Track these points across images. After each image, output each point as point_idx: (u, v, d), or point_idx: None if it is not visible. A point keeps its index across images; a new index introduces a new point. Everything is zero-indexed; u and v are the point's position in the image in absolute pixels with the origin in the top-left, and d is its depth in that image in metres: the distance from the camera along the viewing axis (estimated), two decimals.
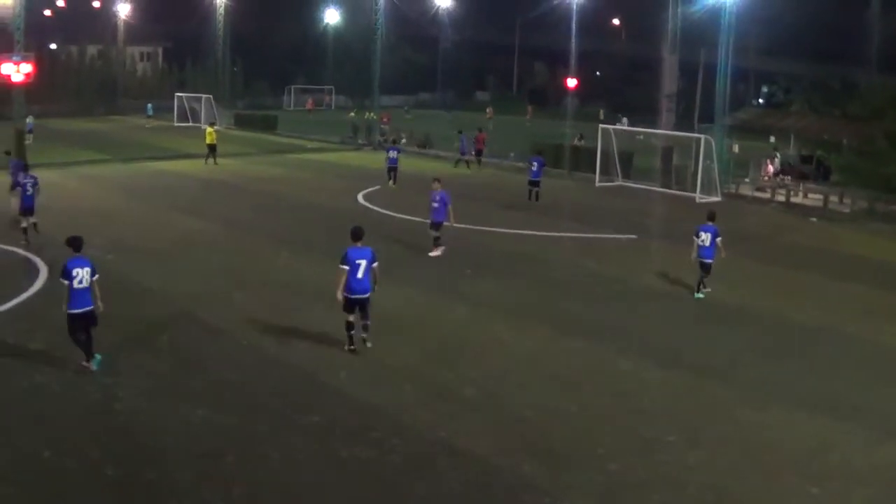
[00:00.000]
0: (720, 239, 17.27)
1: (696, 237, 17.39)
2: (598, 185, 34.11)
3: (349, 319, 13.40)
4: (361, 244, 13.41)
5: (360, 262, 13.23)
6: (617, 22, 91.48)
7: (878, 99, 31.67)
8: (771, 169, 34.21)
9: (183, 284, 17.51)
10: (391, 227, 23.65)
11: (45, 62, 61.18)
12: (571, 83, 59.10)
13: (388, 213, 26.12)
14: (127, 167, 37.05)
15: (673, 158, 34.85)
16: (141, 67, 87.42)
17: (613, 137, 35.37)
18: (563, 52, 60.00)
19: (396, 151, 33.12)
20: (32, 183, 20.74)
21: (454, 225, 20.60)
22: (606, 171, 34.76)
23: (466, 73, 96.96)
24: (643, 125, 41.79)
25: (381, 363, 13.20)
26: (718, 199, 30.30)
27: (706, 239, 17.21)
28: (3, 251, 19.82)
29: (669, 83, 36.87)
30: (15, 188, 21.27)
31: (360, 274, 13.23)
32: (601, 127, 35.78)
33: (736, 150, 35.79)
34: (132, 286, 17.09)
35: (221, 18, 67.73)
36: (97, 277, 12.38)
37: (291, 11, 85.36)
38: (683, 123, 40.82)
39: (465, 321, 15.62)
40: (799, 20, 55.84)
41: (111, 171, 35.81)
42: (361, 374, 12.75)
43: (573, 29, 56.20)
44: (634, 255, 21.88)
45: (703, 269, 17.40)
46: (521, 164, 37.43)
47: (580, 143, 41.52)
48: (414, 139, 48.59)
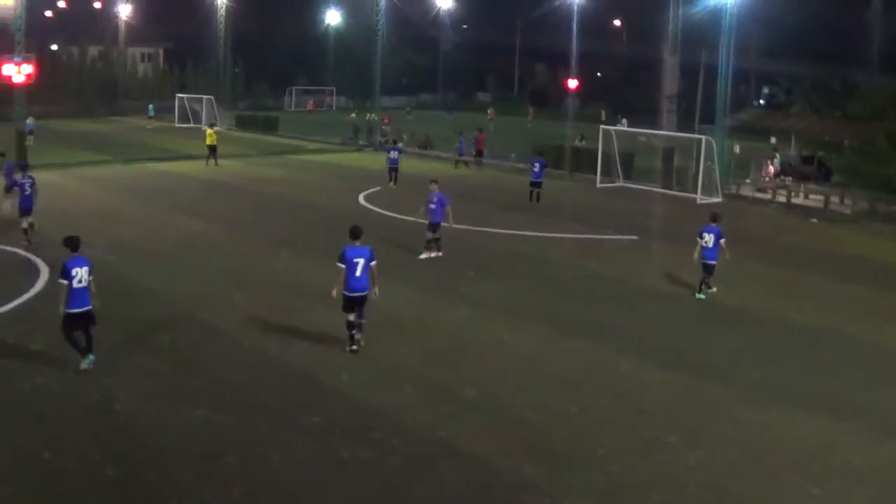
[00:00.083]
0: (724, 240, 17.27)
1: (699, 238, 17.36)
2: (598, 185, 34.11)
3: (349, 319, 13.42)
4: (360, 243, 13.44)
5: (357, 260, 13.26)
6: (618, 23, 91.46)
7: (878, 99, 31.65)
8: (772, 170, 34.20)
9: (184, 285, 17.52)
10: (392, 228, 23.65)
11: (46, 63, 61.24)
12: (572, 84, 59.12)
13: (389, 214, 26.13)
14: (128, 168, 37.05)
15: (674, 159, 34.85)
16: (142, 68, 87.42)
17: (614, 138, 35.37)
18: (563, 53, 60.04)
19: (397, 152, 33.12)
20: (31, 183, 20.75)
21: (453, 226, 20.61)
22: (607, 172, 34.75)
23: (467, 74, 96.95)
24: (644, 126, 41.74)
25: (381, 364, 13.22)
26: (719, 200, 30.30)
27: (709, 240, 17.18)
28: (3, 252, 19.83)
29: (670, 84, 36.86)
30: (10, 189, 21.25)
31: (357, 272, 13.27)
32: (602, 128, 35.78)
33: (737, 151, 35.77)
34: (133, 287, 17.13)
35: (222, 19, 67.72)
36: (92, 277, 12.45)
37: (292, 12, 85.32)
38: (684, 124, 40.76)
39: (465, 322, 15.63)
40: (800, 21, 55.85)
41: (112, 172, 35.82)
42: (362, 374, 12.76)
43: (574, 30, 56.21)
44: (635, 255, 21.89)
45: (706, 270, 17.36)
46: (521, 165, 37.45)
47: (581, 143, 41.52)
48: (415, 140, 48.60)
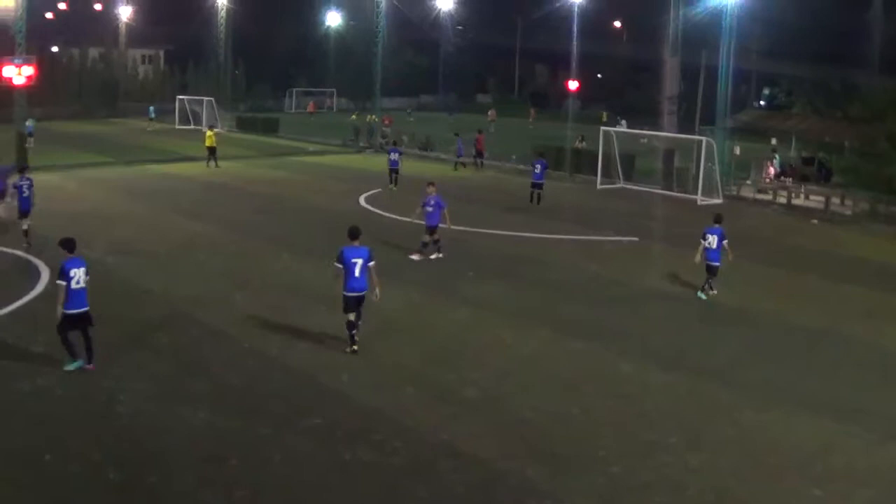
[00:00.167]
0: (727, 241, 17.26)
1: (702, 239, 17.35)
2: (599, 187, 34.10)
3: (350, 319, 13.45)
4: (358, 243, 13.49)
5: (355, 261, 13.32)
6: (618, 24, 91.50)
7: (879, 101, 31.63)
8: (772, 171, 34.18)
9: (184, 286, 17.52)
10: (392, 229, 23.64)
11: (46, 65, 61.08)
12: (573, 86, 59.11)
13: (389, 215, 26.12)
14: (128, 170, 37.03)
15: (674, 160, 34.85)
16: (142, 70, 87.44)
17: (615, 140, 35.38)
18: (564, 54, 60.00)
19: (397, 153, 33.11)
20: (28, 185, 20.77)
21: (451, 227, 20.64)
22: (608, 173, 34.76)
23: (468, 75, 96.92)
24: (645, 127, 41.75)
25: (382, 365, 13.22)
26: (720, 201, 30.28)
27: (713, 241, 17.17)
28: (4, 253, 19.84)
29: (671, 85, 36.89)
30: (2, 197, 21.24)
31: (356, 273, 13.34)
32: (602, 129, 35.79)
33: (737, 152, 35.75)
34: (133, 288, 17.15)
35: (223, 21, 67.77)
36: (88, 277, 12.50)
37: (293, 14, 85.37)
38: (685, 125, 40.78)
39: (466, 323, 15.63)
40: (800, 22, 55.82)
41: (113, 173, 35.80)
42: (363, 375, 12.76)
43: (574, 31, 56.19)
44: (636, 257, 21.89)
45: (709, 271, 17.36)
46: (522, 166, 37.43)
47: (581, 145, 41.51)
48: (415, 141, 48.60)
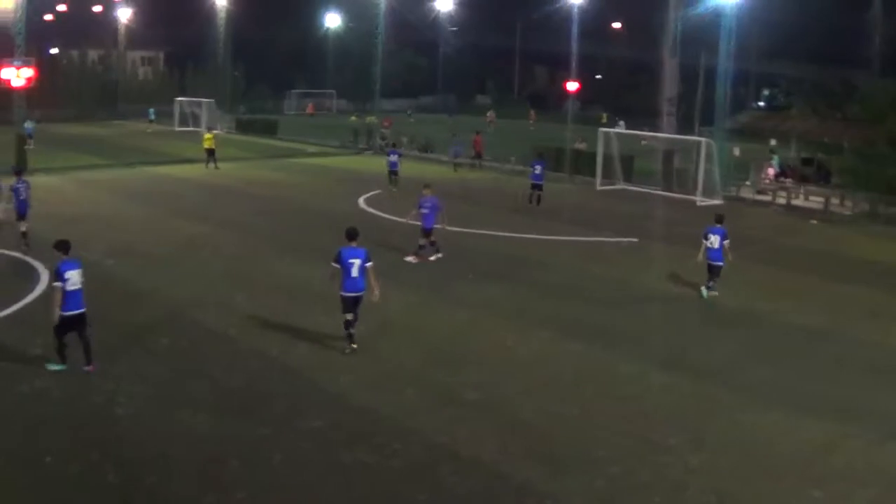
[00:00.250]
0: (728, 241, 17.27)
1: (704, 239, 17.37)
2: (599, 188, 34.10)
3: (348, 318, 13.47)
4: (356, 244, 13.53)
5: (353, 261, 13.37)
6: (618, 25, 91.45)
7: (879, 101, 31.65)
8: (772, 171, 34.17)
9: (184, 288, 17.51)
10: (392, 231, 23.62)
11: (46, 67, 61.10)
12: (572, 87, 59.09)
13: (389, 217, 26.10)
14: (128, 172, 37.02)
15: (674, 161, 34.85)
16: (142, 72, 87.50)
17: (615, 141, 35.36)
18: (563, 55, 59.94)
19: (397, 155, 33.13)
20: (26, 187, 20.76)
21: (447, 228, 20.65)
22: (608, 174, 34.76)
23: (467, 77, 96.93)
24: (644, 129, 41.76)
25: (382, 367, 13.21)
26: (720, 202, 30.27)
27: (714, 241, 17.19)
28: (2, 256, 19.81)
29: (670, 86, 36.89)
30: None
31: (354, 273, 13.38)
32: (601, 130, 35.78)
33: (737, 153, 35.76)
34: (133, 290, 17.14)
35: (222, 23, 67.77)
36: (83, 279, 12.52)
37: (292, 16, 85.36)
38: (684, 126, 40.79)
39: (466, 324, 15.62)
40: (800, 23, 55.87)
41: (112, 175, 35.80)
42: (363, 378, 12.75)
43: (574, 33, 56.16)
44: (636, 258, 21.88)
45: (711, 271, 17.37)
46: (521, 167, 37.40)
47: (581, 146, 41.50)
48: (415, 143, 48.59)
